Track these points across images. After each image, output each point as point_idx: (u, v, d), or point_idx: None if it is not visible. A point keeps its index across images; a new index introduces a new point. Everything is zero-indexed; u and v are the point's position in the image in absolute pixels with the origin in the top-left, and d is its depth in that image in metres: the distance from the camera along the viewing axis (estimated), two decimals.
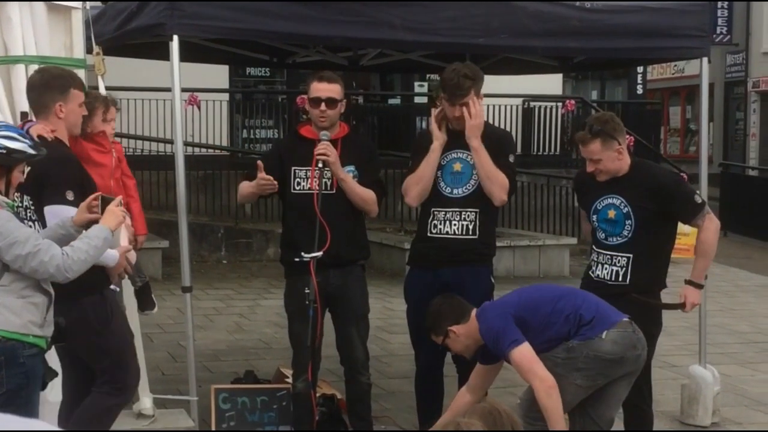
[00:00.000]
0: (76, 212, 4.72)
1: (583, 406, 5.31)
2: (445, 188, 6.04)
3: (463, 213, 6.00)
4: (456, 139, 6.04)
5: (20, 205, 4.89)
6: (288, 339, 6.17)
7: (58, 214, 4.82)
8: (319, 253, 5.64)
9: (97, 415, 5.20)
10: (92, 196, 4.73)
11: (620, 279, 5.80)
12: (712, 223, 5.81)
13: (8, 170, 4.51)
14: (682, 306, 5.96)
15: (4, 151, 4.44)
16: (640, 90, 23.87)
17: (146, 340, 6.58)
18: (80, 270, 4.43)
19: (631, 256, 5.78)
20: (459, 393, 5.64)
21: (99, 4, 10.56)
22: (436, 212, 6.05)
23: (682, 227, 6.11)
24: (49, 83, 5.03)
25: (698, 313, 7.15)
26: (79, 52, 5.73)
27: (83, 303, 5.00)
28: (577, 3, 6.41)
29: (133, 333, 5.55)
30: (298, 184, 5.94)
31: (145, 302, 5.98)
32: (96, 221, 4.62)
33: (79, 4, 5.67)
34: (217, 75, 15.58)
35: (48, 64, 5.58)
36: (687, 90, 32.48)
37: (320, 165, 5.75)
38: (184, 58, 5.89)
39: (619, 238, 5.83)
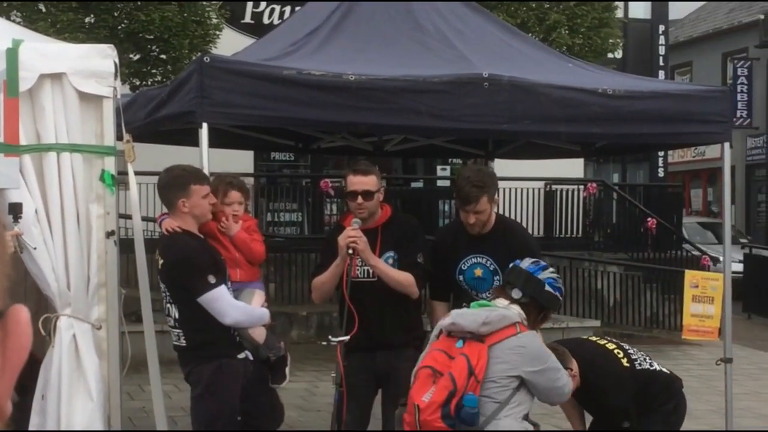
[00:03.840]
0: None
1: None
2: (470, 290, 6.13)
3: None
4: (474, 243, 6.13)
5: (164, 291, 5.64)
6: (311, 423, 6.18)
7: (214, 299, 5.48)
8: (346, 338, 5.66)
9: None
10: None
11: None
12: None
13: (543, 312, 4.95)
14: None
15: (559, 297, 5.00)
16: (661, 173, 23.93)
17: (171, 423, 6.58)
18: None
19: None
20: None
21: (129, 91, 10.79)
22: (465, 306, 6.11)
23: (706, 309, 6.12)
24: (171, 183, 5.70)
25: (724, 397, 7.10)
26: (109, 139, 5.81)
27: (202, 368, 5.60)
28: (600, 90, 6.49)
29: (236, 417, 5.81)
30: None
31: (276, 375, 6.10)
32: None
33: (110, 93, 5.77)
34: (242, 159, 15.74)
35: (79, 151, 5.68)
36: (708, 173, 32.51)
37: (350, 252, 5.80)
38: (212, 143, 5.97)
39: None
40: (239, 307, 5.71)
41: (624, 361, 5.99)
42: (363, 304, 5.74)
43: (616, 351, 6.13)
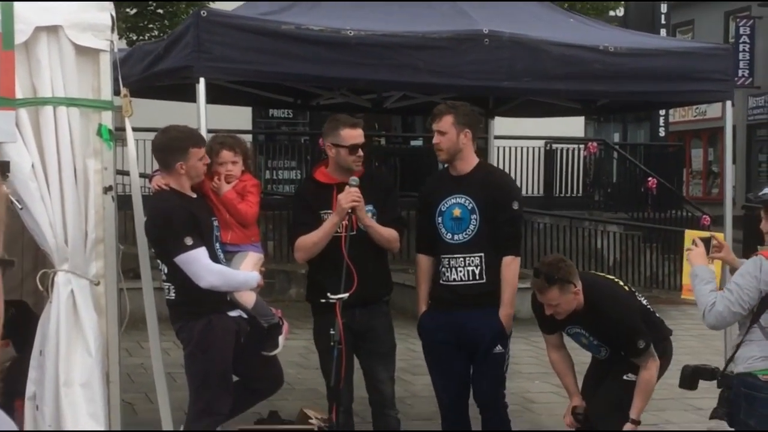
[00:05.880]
0: None
1: None
2: (446, 234, 6.07)
3: (467, 258, 6.00)
4: (455, 184, 6.09)
5: (150, 248, 5.70)
6: (310, 380, 6.18)
7: (189, 262, 5.49)
8: (345, 295, 5.66)
9: None
10: None
11: None
12: (654, 362, 5.86)
13: None
14: None
15: None
16: (662, 132, 23.88)
17: (170, 380, 6.58)
18: None
19: None
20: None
21: (126, 46, 10.72)
22: (443, 259, 6.08)
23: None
24: (169, 145, 5.68)
25: (723, 357, 7.10)
26: (106, 94, 5.77)
27: (192, 325, 5.63)
28: (601, 47, 6.44)
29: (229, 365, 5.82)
30: None
31: (267, 342, 6.01)
32: None
33: (107, 46, 5.71)
34: (241, 116, 15.68)
35: (76, 105, 5.64)
36: (709, 132, 32.43)
37: (350, 211, 5.77)
38: (209, 99, 5.94)
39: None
40: (215, 271, 5.62)
41: (625, 288, 6.19)
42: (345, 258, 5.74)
43: (616, 280, 6.40)
